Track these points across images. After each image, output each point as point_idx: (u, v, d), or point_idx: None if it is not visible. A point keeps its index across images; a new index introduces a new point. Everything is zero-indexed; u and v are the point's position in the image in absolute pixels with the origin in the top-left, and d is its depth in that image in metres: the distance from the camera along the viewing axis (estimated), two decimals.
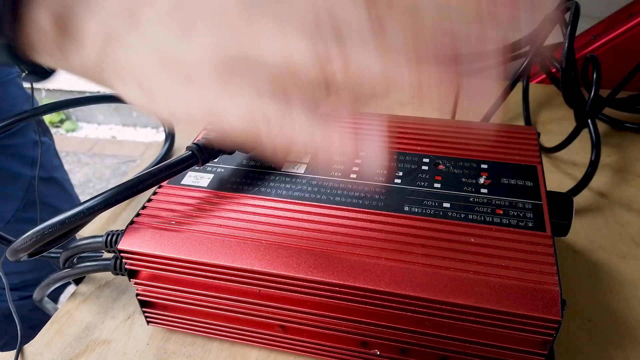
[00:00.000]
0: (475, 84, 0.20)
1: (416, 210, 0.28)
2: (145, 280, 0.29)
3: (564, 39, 0.42)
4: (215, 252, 0.26)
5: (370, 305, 0.25)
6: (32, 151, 0.69)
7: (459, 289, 0.24)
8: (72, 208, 0.28)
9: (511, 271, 0.24)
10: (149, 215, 0.29)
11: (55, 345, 0.32)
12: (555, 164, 0.46)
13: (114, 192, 0.29)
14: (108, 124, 2.42)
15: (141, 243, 0.27)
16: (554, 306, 0.23)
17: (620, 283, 0.34)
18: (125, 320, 0.34)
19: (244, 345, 0.31)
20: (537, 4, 0.20)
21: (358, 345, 0.28)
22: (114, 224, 0.42)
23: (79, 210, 0.28)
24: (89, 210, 0.28)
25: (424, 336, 0.26)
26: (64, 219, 0.27)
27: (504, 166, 0.30)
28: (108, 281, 0.37)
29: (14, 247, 0.29)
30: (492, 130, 0.33)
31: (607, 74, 0.43)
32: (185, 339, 0.32)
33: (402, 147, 0.32)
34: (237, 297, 0.28)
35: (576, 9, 0.42)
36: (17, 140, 0.66)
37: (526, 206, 0.28)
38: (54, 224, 0.27)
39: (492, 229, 0.26)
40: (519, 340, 0.24)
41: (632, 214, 0.40)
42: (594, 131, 0.42)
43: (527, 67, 0.48)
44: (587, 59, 0.44)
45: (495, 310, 0.23)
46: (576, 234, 0.38)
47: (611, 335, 0.31)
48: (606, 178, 0.44)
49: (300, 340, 0.29)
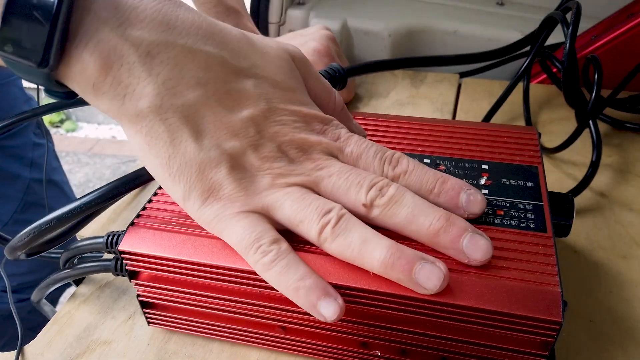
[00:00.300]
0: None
1: None
2: (146, 281, 0.29)
3: (565, 39, 0.42)
4: (215, 253, 0.26)
5: (371, 306, 0.25)
6: (31, 152, 0.69)
7: (459, 290, 0.23)
8: (69, 204, 0.28)
9: (512, 272, 0.24)
10: (150, 216, 0.29)
11: (55, 345, 0.32)
12: (555, 164, 0.46)
13: (110, 187, 0.29)
14: (108, 124, 2.42)
15: (142, 244, 0.27)
16: (555, 307, 0.23)
17: (621, 283, 0.34)
18: (125, 321, 0.34)
19: (245, 346, 0.31)
20: None
21: (358, 346, 0.28)
22: (115, 224, 0.42)
23: (76, 206, 0.28)
24: (85, 206, 0.28)
25: (424, 337, 0.26)
26: (61, 214, 0.27)
27: (505, 167, 0.30)
28: (108, 282, 0.37)
29: (11, 244, 0.28)
30: (493, 130, 0.33)
31: (608, 74, 0.43)
32: (186, 340, 0.32)
33: (402, 147, 0.32)
34: (237, 298, 0.28)
35: (577, 9, 0.42)
36: (16, 142, 0.66)
37: (527, 207, 0.27)
38: (51, 220, 0.27)
39: (493, 230, 0.26)
40: (520, 342, 0.24)
41: (633, 214, 0.40)
42: (595, 131, 0.42)
43: (527, 67, 0.48)
44: (588, 59, 0.44)
45: (496, 311, 0.23)
46: (577, 234, 0.38)
47: (612, 336, 0.31)
48: (607, 178, 0.44)
49: (300, 341, 0.29)
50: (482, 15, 0.66)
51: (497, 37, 0.62)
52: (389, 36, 0.66)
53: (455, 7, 0.69)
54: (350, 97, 0.56)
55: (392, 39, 0.66)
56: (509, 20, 0.65)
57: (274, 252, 0.24)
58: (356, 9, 0.70)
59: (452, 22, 0.65)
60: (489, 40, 0.63)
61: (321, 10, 0.69)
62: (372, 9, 0.70)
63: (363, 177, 0.26)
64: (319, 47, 0.53)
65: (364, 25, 0.67)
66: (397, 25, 0.66)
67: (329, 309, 0.23)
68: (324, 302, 0.23)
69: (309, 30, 0.57)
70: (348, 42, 0.68)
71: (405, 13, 0.68)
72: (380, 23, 0.66)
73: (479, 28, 0.64)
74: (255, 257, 0.24)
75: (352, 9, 0.69)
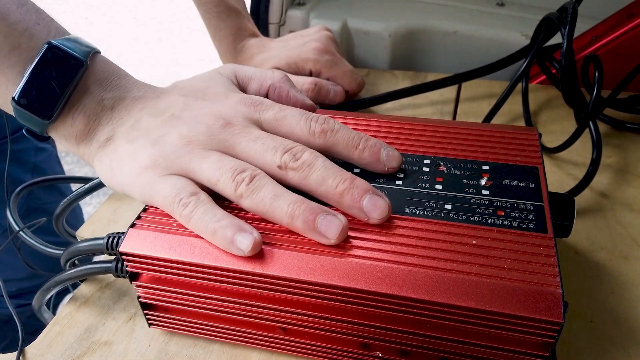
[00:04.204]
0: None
1: (417, 211, 0.28)
2: (146, 282, 0.29)
3: (562, 39, 0.42)
4: (216, 255, 0.26)
5: (372, 307, 0.25)
6: (33, 157, 0.69)
7: (460, 291, 0.23)
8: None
9: (513, 273, 0.24)
10: (150, 217, 0.29)
11: (56, 346, 0.32)
12: (555, 164, 0.46)
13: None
14: None
15: (142, 246, 0.27)
16: (556, 308, 0.23)
17: (622, 284, 0.34)
18: (126, 322, 0.34)
19: (245, 348, 0.31)
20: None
21: (359, 347, 0.28)
22: (115, 225, 0.42)
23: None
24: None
25: (425, 338, 0.26)
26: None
27: (506, 167, 0.30)
28: (109, 283, 0.37)
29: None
30: (494, 131, 0.33)
31: (608, 74, 0.43)
32: (186, 341, 0.32)
33: (403, 148, 0.32)
34: (238, 299, 0.28)
35: (574, 9, 0.42)
36: (18, 146, 0.65)
37: (528, 207, 0.27)
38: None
39: (493, 231, 0.26)
40: (521, 342, 0.24)
41: (634, 214, 0.40)
42: (595, 131, 0.42)
43: (526, 69, 0.48)
44: (588, 58, 0.44)
45: (497, 312, 0.23)
46: (577, 234, 0.38)
47: (613, 336, 0.31)
48: (607, 179, 0.44)
49: (301, 342, 0.29)
50: (482, 15, 0.66)
51: (498, 38, 0.62)
52: (389, 36, 0.66)
53: (455, 7, 0.68)
54: (360, 89, 0.55)
55: (393, 40, 0.66)
56: (510, 20, 0.65)
57: (193, 202, 0.27)
58: (356, 9, 0.70)
59: (452, 22, 0.65)
60: (489, 40, 0.63)
61: (321, 11, 0.69)
62: (372, 9, 0.70)
63: (279, 143, 0.29)
64: (320, 47, 0.53)
65: (364, 25, 0.67)
66: (398, 25, 0.66)
67: (244, 241, 0.25)
68: (240, 236, 0.26)
69: (309, 30, 0.57)
70: (348, 42, 0.68)
71: (405, 13, 0.68)
72: (380, 23, 0.66)
73: (479, 28, 0.64)
74: (178, 210, 0.27)
75: (352, 10, 0.69)
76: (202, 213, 0.27)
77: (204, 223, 0.26)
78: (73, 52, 0.30)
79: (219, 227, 0.26)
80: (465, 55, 0.65)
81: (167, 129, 0.30)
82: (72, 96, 0.30)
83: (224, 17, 0.54)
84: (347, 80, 0.53)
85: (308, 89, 0.50)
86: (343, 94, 0.53)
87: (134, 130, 0.31)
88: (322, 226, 0.26)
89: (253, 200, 0.27)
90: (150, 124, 0.31)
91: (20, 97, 0.29)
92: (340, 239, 0.26)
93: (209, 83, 0.34)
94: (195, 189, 0.28)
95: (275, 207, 0.27)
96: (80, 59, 0.30)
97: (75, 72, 0.30)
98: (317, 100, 0.51)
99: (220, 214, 0.27)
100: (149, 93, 0.32)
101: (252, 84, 0.35)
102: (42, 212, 0.69)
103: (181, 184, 0.28)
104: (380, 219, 0.27)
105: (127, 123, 0.31)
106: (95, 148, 0.31)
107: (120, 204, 0.44)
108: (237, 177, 0.28)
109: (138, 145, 0.30)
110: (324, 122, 0.30)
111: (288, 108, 0.32)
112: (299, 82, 0.50)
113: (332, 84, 0.52)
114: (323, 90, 0.51)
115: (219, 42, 0.56)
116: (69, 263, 0.33)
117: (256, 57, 0.54)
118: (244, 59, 0.55)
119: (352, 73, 0.53)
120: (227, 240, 0.26)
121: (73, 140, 0.31)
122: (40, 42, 0.29)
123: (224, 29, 0.55)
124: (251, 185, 0.27)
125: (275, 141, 0.29)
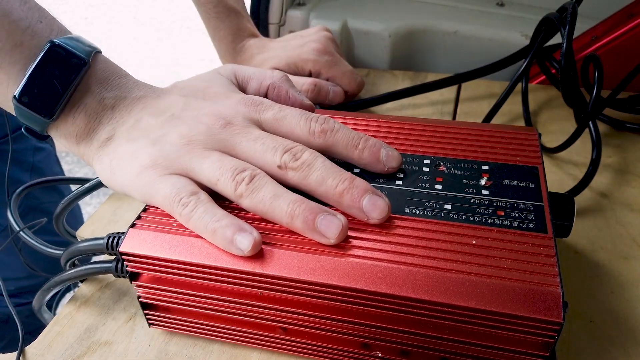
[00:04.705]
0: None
1: (417, 211, 0.28)
2: (146, 282, 0.29)
3: (562, 39, 0.42)
4: (216, 255, 0.26)
5: (372, 307, 0.25)
6: (32, 157, 0.68)
7: (460, 291, 0.23)
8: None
9: (513, 273, 0.24)
10: (151, 217, 0.29)
11: (56, 346, 0.32)
12: (555, 163, 0.46)
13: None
14: None
15: (143, 245, 0.27)
16: (556, 308, 0.23)
17: (622, 284, 0.34)
18: (126, 322, 0.34)
19: (245, 348, 0.31)
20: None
21: (359, 347, 0.28)
22: (115, 225, 0.42)
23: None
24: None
25: (425, 338, 0.26)
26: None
27: (505, 167, 0.30)
28: (109, 283, 0.37)
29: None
30: (493, 131, 0.33)
31: (608, 74, 0.43)
32: (186, 341, 0.32)
33: (403, 148, 0.32)
34: (238, 299, 0.28)
35: (573, 9, 0.42)
36: (17, 146, 0.65)
37: (527, 207, 0.27)
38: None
39: (493, 231, 0.26)
40: (521, 342, 0.24)
41: (634, 214, 0.40)
42: (595, 131, 0.42)
43: (526, 69, 0.48)
44: (588, 58, 0.44)
45: (497, 312, 0.23)
46: (577, 234, 0.38)
47: (613, 336, 0.31)
48: (607, 179, 0.44)
49: (301, 342, 0.29)
50: (482, 15, 0.66)
51: (498, 38, 0.62)
52: (389, 37, 0.66)
53: (455, 7, 0.68)
54: (359, 89, 0.55)
55: (393, 40, 0.66)
56: (510, 20, 0.65)
57: (193, 202, 0.27)
58: (356, 9, 0.70)
59: (452, 22, 0.65)
60: (489, 40, 0.63)
61: (321, 11, 0.69)
62: (372, 9, 0.70)
63: (279, 143, 0.29)
64: (319, 47, 0.53)
65: (364, 25, 0.67)
66: (398, 25, 0.66)
67: (244, 241, 0.25)
68: (239, 236, 0.26)
69: (309, 31, 0.57)
70: (348, 42, 0.68)
71: (405, 13, 0.68)
72: (380, 24, 0.66)
73: (479, 29, 0.64)
74: (178, 210, 0.27)
75: (352, 10, 0.69)
76: (202, 213, 0.27)
77: (204, 223, 0.27)
78: (76, 51, 0.30)
79: (218, 226, 0.26)
80: (465, 56, 0.65)
81: (168, 129, 0.30)
82: (73, 95, 0.30)
83: (223, 18, 0.54)
84: (346, 80, 0.53)
85: (307, 90, 0.50)
86: (342, 94, 0.53)
87: (135, 129, 0.31)
88: (321, 226, 0.26)
89: (253, 200, 0.27)
90: (151, 124, 0.31)
91: (22, 94, 0.29)
92: (340, 239, 0.26)
93: (209, 83, 0.34)
94: (195, 189, 0.28)
95: (275, 206, 0.27)
96: (83, 58, 0.30)
97: (78, 71, 0.30)
98: (317, 100, 0.51)
99: (220, 214, 0.27)
100: (149, 93, 0.33)
101: (252, 83, 0.35)
102: (41, 212, 0.69)
103: (181, 184, 0.28)
104: (380, 218, 0.27)
105: (127, 123, 0.31)
106: (95, 147, 0.31)
107: (120, 204, 0.44)
108: (237, 177, 0.28)
109: (138, 144, 0.30)
110: (323, 122, 0.30)
111: (288, 108, 0.32)
112: (298, 82, 0.50)
113: (331, 85, 0.52)
114: (322, 91, 0.51)
115: (219, 42, 0.56)
116: (69, 263, 0.33)
117: (256, 57, 0.54)
118: (244, 59, 0.55)
119: (352, 73, 0.53)
120: (227, 240, 0.26)
121: (73, 139, 0.31)
122: (42, 41, 0.29)
123: (224, 29, 0.55)
124: (251, 185, 0.27)
125: (275, 141, 0.29)
